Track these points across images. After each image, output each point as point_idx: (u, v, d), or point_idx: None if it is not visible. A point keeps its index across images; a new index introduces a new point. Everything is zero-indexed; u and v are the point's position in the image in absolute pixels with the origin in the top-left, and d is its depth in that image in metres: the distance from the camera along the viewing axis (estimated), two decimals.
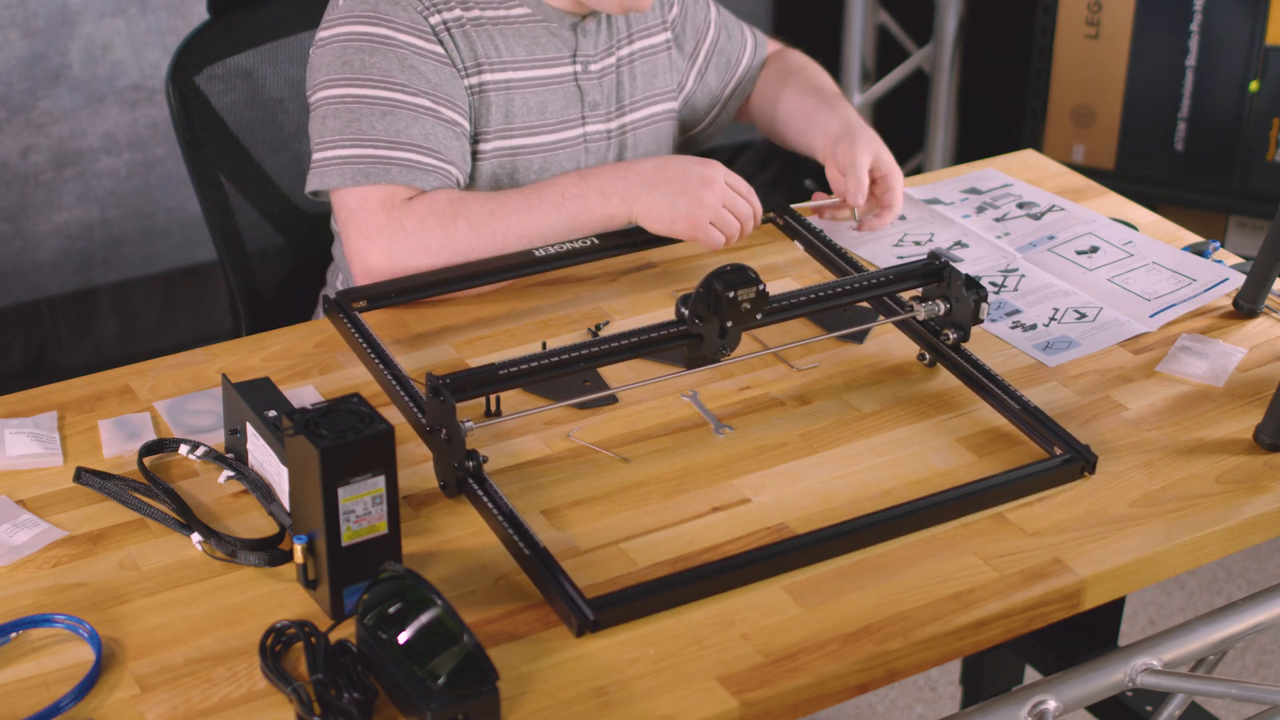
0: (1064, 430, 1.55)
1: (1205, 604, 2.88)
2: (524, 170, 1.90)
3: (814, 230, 1.91)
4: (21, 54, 3.02)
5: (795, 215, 1.94)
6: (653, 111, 2.01)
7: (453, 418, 1.44)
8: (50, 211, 3.16)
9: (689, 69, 2.06)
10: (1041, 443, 1.55)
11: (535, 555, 1.38)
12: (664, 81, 2.02)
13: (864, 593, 1.37)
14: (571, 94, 1.91)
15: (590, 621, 1.31)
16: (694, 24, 2.06)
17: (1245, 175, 3.16)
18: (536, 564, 1.37)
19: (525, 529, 1.40)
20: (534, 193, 1.80)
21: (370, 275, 1.77)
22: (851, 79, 3.64)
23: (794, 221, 1.93)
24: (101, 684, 1.28)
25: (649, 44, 2.00)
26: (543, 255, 1.81)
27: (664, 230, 1.81)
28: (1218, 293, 1.84)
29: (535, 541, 1.39)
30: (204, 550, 1.42)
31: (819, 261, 1.89)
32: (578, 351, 1.53)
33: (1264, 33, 3.05)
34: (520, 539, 1.39)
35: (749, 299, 1.53)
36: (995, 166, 2.16)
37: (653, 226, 1.81)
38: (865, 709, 2.66)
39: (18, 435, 1.57)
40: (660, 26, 2.02)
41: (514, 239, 1.79)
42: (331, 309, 1.73)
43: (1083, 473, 1.52)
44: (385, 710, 1.24)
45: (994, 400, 1.62)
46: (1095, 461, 1.52)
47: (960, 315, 1.65)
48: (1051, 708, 1.39)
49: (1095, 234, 1.97)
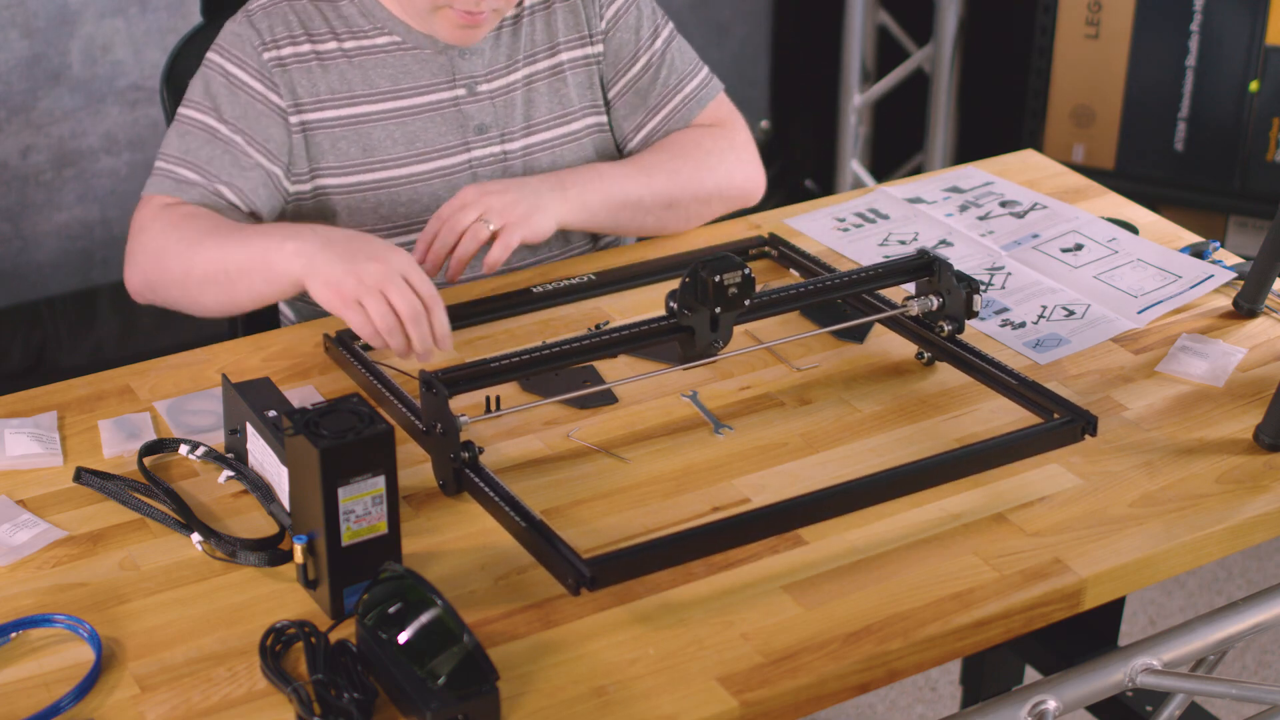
0: (1063, 398, 1.57)
1: (1205, 604, 2.88)
2: (390, 204, 1.86)
3: (809, 257, 1.86)
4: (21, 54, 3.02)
5: (790, 246, 1.89)
6: (572, 129, 1.93)
7: (446, 410, 1.44)
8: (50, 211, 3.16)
9: (607, 93, 1.97)
10: (1040, 412, 1.57)
11: (531, 526, 1.39)
12: (589, 96, 1.95)
13: (864, 593, 1.37)
14: (451, 120, 1.87)
15: (587, 579, 1.32)
16: (618, 47, 1.95)
17: (1245, 175, 3.16)
18: (534, 535, 1.38)
19: (523, 506, 1.41)
20: (250, 226, 1.75)
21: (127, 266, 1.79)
22: (851, 79, 3.64)
23: (789, 251, 1.89)
24: (101, 684, 1.28)
25: (570, 57, 1.93)
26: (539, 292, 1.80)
27: (320, 293, 1.62)
28: (1205, 289, 1.84)
29: (531, 514, 1.40)
30: (204, 550, 1.42)
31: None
32: (570, 345, 1.54)
33: (1264, 33, 3.05)
34: (516, 514, 1.41)
35: (735, 284, 1.53)
36: (995, 166, 2.16)
37: (313, 288, 1.63)
38: (865, 709, 2.66)
39: (18, 435, 1.57)
40: (587, 39, 1.93)
41: (210, 262, 1.71)
42: (332, 347, 1.71)
43: (1083, 434, 1.53)
44: (385, 710, 1.25)
45: (993, 381, 1.63)
46: (1095, 423, 1.53)
47: (954, 308, 1.66)
48: (1051, 708, 1.39)
49: (1079, 231, 1.97)
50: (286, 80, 1.82)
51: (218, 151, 1.80)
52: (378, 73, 1.85)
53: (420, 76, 1.86)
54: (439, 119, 1.87)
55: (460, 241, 1.74)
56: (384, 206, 1.86)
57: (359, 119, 1.84)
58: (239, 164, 1.80)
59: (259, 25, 1.83)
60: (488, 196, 1.76)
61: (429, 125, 1.86)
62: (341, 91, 1.83)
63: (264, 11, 1.84)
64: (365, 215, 1.85)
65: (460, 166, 1.88)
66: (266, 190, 1.82)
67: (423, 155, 1.86)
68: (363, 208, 1.85)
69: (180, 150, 1.81)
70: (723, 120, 2.00)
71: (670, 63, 1.98)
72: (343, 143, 1.84)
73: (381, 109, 1.85)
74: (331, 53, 1.84)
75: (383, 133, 1.85)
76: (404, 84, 1.85)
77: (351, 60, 1.84)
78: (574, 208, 1.82)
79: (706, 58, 2.11)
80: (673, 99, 1.98)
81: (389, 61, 1.85)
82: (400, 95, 1.85)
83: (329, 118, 1.83)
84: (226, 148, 1.80)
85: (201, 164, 1.80)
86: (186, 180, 1.79)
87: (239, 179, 1.80)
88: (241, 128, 1.81)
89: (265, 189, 1.82)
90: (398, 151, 1.85)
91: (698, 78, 2.00)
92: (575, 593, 1.34)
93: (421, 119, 1.86)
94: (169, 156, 1.82)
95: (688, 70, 1.99)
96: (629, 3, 1.95)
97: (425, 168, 1.87)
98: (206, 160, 1.80)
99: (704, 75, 2.01)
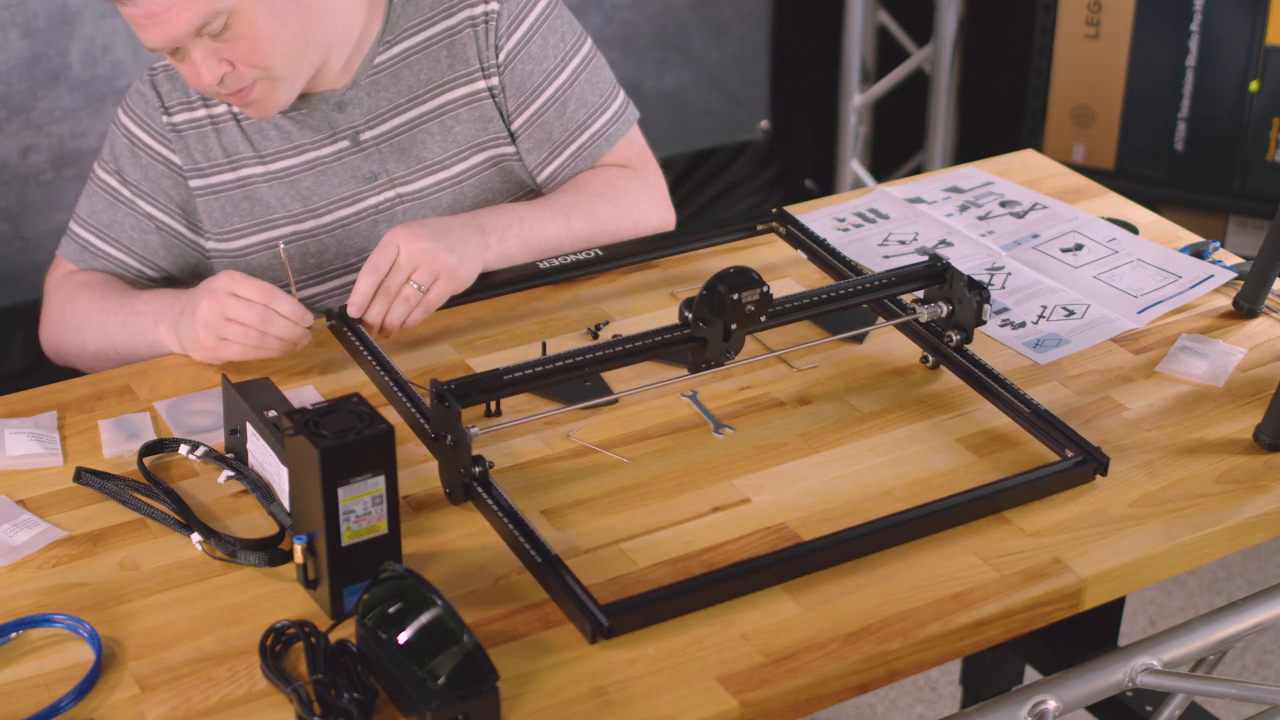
0: (1074, 432, 1.54)
1: (1205, 604, 2.88)
2: (301, 256, 1.87)
3: (816, 238, 1.87)
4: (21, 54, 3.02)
5: (798, 224, 1.89)
6: (474, 162, 1.88)
7: (458, 424, 1.44)
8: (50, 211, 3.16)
9: (510, 125, 1.89)
10: (1052, 445, 1.55)
11: (546, 562, 1.37)
12: (491, 129, 1.88)
13: (864, 593, 1.37)
14: (339, 173, 1.86)
15: (604, 628, 1.31)
16: (519, 84, 1.88)
17: (1245, 175, 3.16)
18: (547, 571, 1.37)
19: (534, 534, 1.40)
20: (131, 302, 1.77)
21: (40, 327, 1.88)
22: (851, 79, 3.64)
23: (796, 230, 1.89)
24: (101, 684, 1.28)
25: (461, 94, 1.87)
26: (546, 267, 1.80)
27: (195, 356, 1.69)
28: (1205, 289, 1.84)
29: (546, 548, 1.38)
30: (204, 550, 1.42)
31: (818, 266, 1.87)
32: (582, 356, 1.53)
33: (1264, 33, 3.05)
34: (530, 545, 1.39)
35: (753, 301, 1.52)
36: (995, 166, 2.16)
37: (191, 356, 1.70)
38: (865, 709, 2.66)
39: (18, 435, 1.57)
40: (478, 73, 1.86)
41: (99, 340, 1.78)
42: (335, 323, 1.72)
43: (1094, 475, 1.51)
44: (385, 710, 1.25)
45: (1001, 403, 1.61)
46: (1107, 464, 1.51)
47: (963, 316, 1.65)
48: (1051, 708, 1.39)
49: (1079, 232, 1.97)
50: (183, 146, 1.85)
51: (119, 215, 1.85)
52: (263, 136, 1.85)
53: (301, 136, 1.86)
54: (329, 173, 1.87)
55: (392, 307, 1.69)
56: (293, 260, 1.86)
57: (254, 179, 1.86)
58: (140, 227, 1.85)
59: (161, 88, 1.85)
60: (415, 242, 1.68)
61: (320, 180, 1.86)
62: (235, 154, 1.85)
63: (166, 74, 1.86)
64: (278, 270, 1.86)
65: (358, 215, 1.88)
66: (171, 251, 1.87)
67: (318, 210, 1.87)
68: (275, 263, 1.87)
69: (87, 212, 1.88)
70: (632, 160, 1.94)
71: (580, 95, 1.90)
72: (244, 203, 1.86)
73: (274, 169, 1.86)
74: (223, 116, 1.85)
75: (280, 191, 1.86)
76: (289, 143, 1.86)
77: (241, 124, 1.85)
78: (495, 255, 1.77)
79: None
80: (580, 136, 1.90)
81: (276, 122, 1.85)
82: (285, 155, 1.86)
83: (227, 180, 1.86)
84: (129, 210, 1.85)
85: (104, 228, 1.86)
86: (90, 246, 1.87)
87: (138, 244, 1.85)
88: (144, 190, 1.85)
89: (170, 250, 1.87)
90: (295, 208, 1.86)
91: (608, 111, 1.92)
92: (592, 641, 1.32)
93: (312, 175, 1.86)
94: (79, 218, 1.89)
95: (598, 103, 1.91)
96: (531, 32, 1.87)
97: (324, 220, 1.87)
98: (108, 224, 1.86)
99: (616, 108, 1.93)
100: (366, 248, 1.88)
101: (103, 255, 1.86)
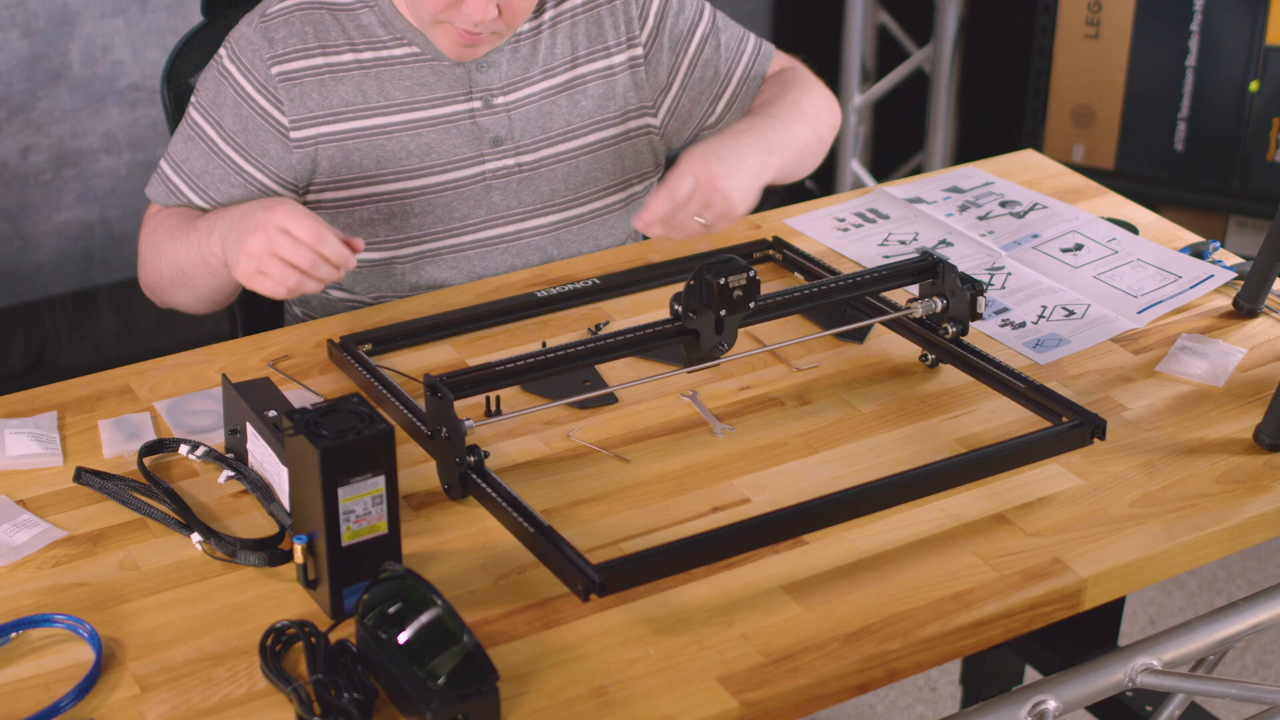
0: (1071, 401, 1.57)
1: (1205, 604, 2.88)
2: (403, 215, 1.86)
3: (814, 261, 1.86)
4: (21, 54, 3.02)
5: (794, 249, 1.89)
6: (605, 135, 1.92)
7: (451, 414, 1.44)
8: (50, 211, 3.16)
9: (670, 81, 1.95)
10: (1050, 416, 1.57)
11: (539, 532, 1.39)
12: (625, 101, 1.93)
13: (864, 593, 1.37)
14: (466, 132, 1.87)
15: (597, 584, 1.32)
16: (673, 37, 1.94)
17: (1245, 175, 3.16)
18: (541, 540, 1.38)
19: (529, 510, 1.41)
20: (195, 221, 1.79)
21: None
22: (851, 79, 3.64)
23: (793, 254, 1.88)
24: (101, 684, 1.28)
25: (601, 66, 1.91)
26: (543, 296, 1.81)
27: (234, 275, 1.68)
28: (1205, 289, 1.84)
29: (540, 521, 1.40)
30: (204, 550, 1.42)
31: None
32: (575, 348, 1.53)
33: (1264, 33, 3.05)
34: (525, 520, 1.41)
35: (740, 286, 1.53)
36: (995, 166, 2.16)
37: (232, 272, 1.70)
38: (865, 709, 2.66)
39: (18, 435, 1.57)
40: (619, 46, 1.92)
41: (170, 265, 1.81)
42: (336, 353, 1.71)
43: (1092, 437, 1.53)
44: (385, 710, 1.25)
45: (999, 385, 1.63)
46: (1104, 426, 1.53)
47: (958, 310, 1.65)
48: (1051, 708, 1.39)
49: (1079, 231, 1.97)
50: (296, 94, 1.82)
51: (212, 165, 1.83)
52: (394, 84, 1.84)
53: (437, 88, 1.85)
54: (454, 131, 1.86)
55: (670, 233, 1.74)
56: (396, 218, 1.86)
57: (372, 131, 1.84)
58: (228, 180, 1.83)
59: (273, 35, 1.82)
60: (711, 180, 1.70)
61: (444, 137, 1.86)
62: (355, 104, 1.83)
63: (282, 19, 1.83)
64: (378, 226, 1.86)
65: (474, 179, 1.88)
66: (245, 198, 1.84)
67: (436, 167, 1.86)
68: (375, 219, 1.86)
69: (180, 156, 1.86)
70: (784, 64, 2.03)
71: (726, 26, 2.00)
72: (355, 155, 1.84)
73: (396, 120, 1.84)
74: (347, 64, 1.83)
75: (397, 144, 1.84)
76: (420, 96, 1.85)
77: (368, 72, 1.84)
78: (771, 174, 1.81)
79: None
80: (741, 60, 1.99)
81: (406, 73, 1.84)
82: (415, 107, 1.85)
83: (341, 130, 1.83)
84: (221, 163, 1.83)
85: (194, 177, 1.84)
86: (176, 191, 1.86)
87: (224, 196, 1.84)
88: (240, 143, 1.82)
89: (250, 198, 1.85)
90: (412, 163, 1.85)
91: (751, 38, 2.02)
92: (585, 599, 1.34)
93: (437, 131, 1.86)
94: (170, 160, 1.87)
95: (739, 31, 2.01)
96: None
97: (439, 179, 1.86)
98: (199, 173, 1.84)
99: (754, 37, 2.03)
100: (473, 215, 1.88)
101: (186, 201, 1.85)
